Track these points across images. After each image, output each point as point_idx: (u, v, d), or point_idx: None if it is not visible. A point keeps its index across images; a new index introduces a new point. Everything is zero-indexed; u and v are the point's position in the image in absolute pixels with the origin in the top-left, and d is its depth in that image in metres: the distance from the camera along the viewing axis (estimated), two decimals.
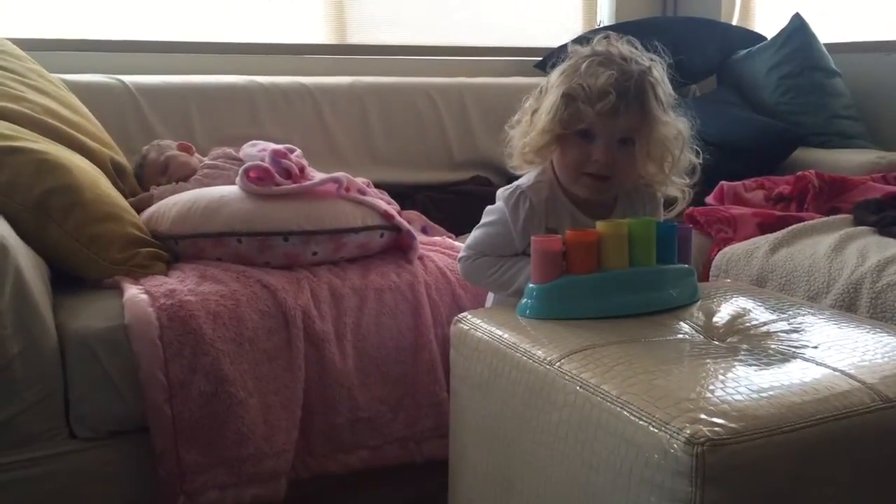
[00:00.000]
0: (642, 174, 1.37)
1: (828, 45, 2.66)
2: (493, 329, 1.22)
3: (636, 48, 1.34)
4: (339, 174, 1.65)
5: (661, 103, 1.31)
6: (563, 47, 1.42)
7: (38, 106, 1.71)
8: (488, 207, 1.42)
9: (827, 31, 2.70)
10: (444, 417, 1.48)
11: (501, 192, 1.39)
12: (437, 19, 2.82)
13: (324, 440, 1.51)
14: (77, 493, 1.38)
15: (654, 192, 1.41)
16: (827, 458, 0.93)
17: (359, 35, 2.69)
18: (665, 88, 1.32)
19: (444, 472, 1.35)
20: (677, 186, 1.38)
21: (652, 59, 1.33)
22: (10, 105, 1.64)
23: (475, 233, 1.41)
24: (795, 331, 1.18)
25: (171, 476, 1.38)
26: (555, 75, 1.34)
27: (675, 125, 1.33)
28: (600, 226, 1.26)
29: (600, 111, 1.26)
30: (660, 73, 1.33)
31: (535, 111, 1.35)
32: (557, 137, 1.32)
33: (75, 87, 1.96)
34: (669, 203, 1.43)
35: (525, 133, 1.36)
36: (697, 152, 1.37)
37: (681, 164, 1.36)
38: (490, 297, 1.52)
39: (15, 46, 1.90)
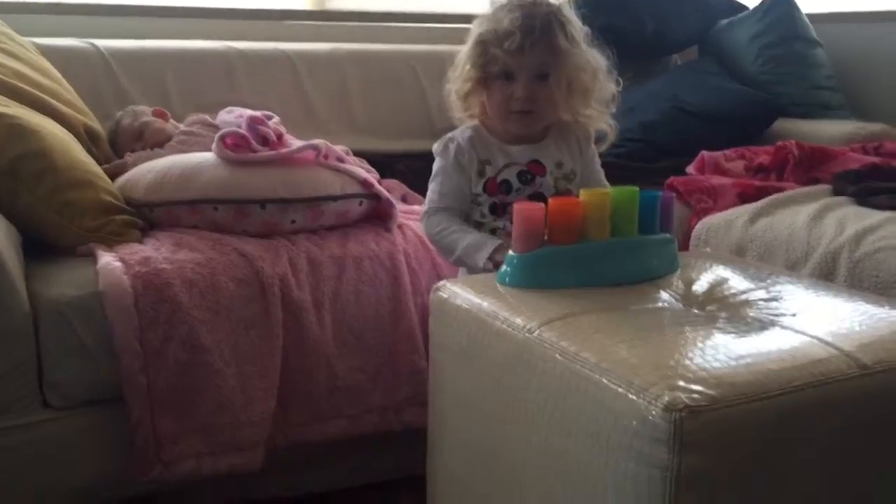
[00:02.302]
0: (569, 107, 1.46)
1: (809, 16, 2.66)
2: (472, 297, 1.21)
3: None
4: (318, 141, 1.63)
5: (570, 39, 1.40)
6: None
7: (8, 70, 1.67)
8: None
9: (809, 1, 2.69)
10: (422, 386, 1.47)
11: (434, 147, 1.50)
12: None
13: (302, 409, 1.50)
14: (51, 462, 1.37)
15: (582, 124, 1.50)
16: (804, 424, 0.93)
17: (339, 1, 2.65)
18: (576, 25, 1.42)
19: (423, 440, 1.35)
20: (603, 119, 1.49)
21: (560, 2, 1.43)
22: None
23: (428, 194, 1.49)
24: (774, 299, 1.18)
25: (147, 445, 1.37)
26: (473, 25, 1.44)
27: (587, 57, 1.43)
28: (583, 195, 1.25)
29: (508, 49, 1.37)
30: (569, 12, 1.43)
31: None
32: (482, 83, 1.43)
33: (47, 51, 1.92)
34: (599, 138, 1.53)
35: (454, 82, 1.48)
36: (617, 81, 1.47)
37: (601, 94, 1.46)
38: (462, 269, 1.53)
39: None
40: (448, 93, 1.50)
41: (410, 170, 2.18)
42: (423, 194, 1.96)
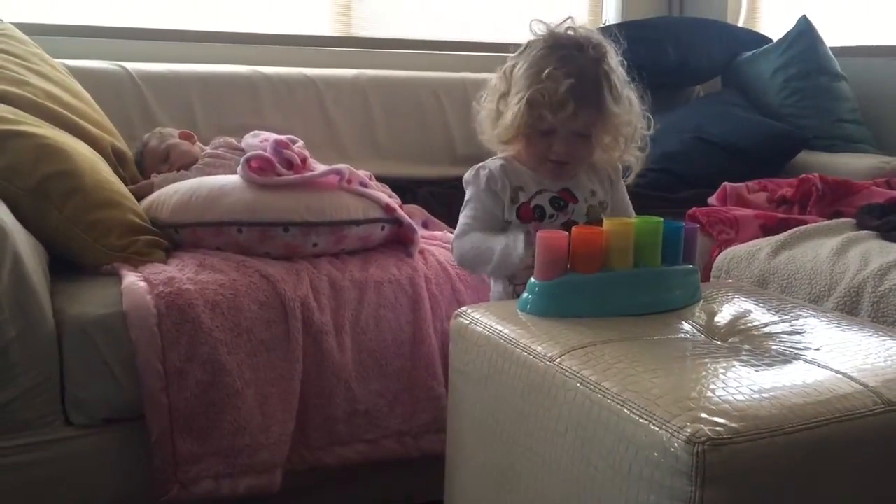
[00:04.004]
0: (603, 150, 1.48)
1: (834, 49, 2.65)
2: (493, 324, 1.21)
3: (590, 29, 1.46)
4: (342, 166, 1.65)
5: (615, 95, 1.41)
6: None
7: (40, 90, 1.70)
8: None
9: (833, 35, 2.69)
10: (441, 412, 1.47)
11: (465, 176, 1.50)
12: (443, 14, 2.81)
13: (320, 433, 1.50)
14: (71, 479, 1.38)
15: (613, 162, 1.51)
16: (828, 460, 0.92)
17: (364, 28, 2.68)
18: (619, 74, 1.42)
19: (440, 467, 1.34)
20: (631, 153, 1.49)
21: (607, 43, 1.42)
22: (11, 89, 1.64)
23: (459, 220, 1.48)
24: (797, 332, 1.18)
25: (166, 464, 1.37)
26: (520, 72, 1.42)
27: (629, 116, 1.44)
28: (607, 224, 1.25)
29: (561, 118, 1.38)
30: (613, 58, 1.42)
31: (501, 96, 1.45)
32: (524, 133, 1.43)
33: (78, 73, 1.95)
34: (625, 170, 1.53)
35: (493, 120, 1.47)
36: (648, 118, 1.48)
37: (634, 137, 1.48)
38: (492, 295, 1.52)
39: (18, 30, 1.89)
40: (477, 112, 1.50)
41: (432, 195, 2.19)
42: (445, 220, 1.99)
